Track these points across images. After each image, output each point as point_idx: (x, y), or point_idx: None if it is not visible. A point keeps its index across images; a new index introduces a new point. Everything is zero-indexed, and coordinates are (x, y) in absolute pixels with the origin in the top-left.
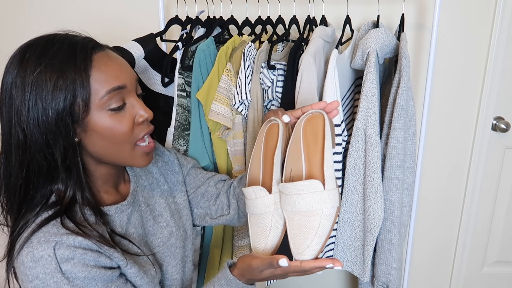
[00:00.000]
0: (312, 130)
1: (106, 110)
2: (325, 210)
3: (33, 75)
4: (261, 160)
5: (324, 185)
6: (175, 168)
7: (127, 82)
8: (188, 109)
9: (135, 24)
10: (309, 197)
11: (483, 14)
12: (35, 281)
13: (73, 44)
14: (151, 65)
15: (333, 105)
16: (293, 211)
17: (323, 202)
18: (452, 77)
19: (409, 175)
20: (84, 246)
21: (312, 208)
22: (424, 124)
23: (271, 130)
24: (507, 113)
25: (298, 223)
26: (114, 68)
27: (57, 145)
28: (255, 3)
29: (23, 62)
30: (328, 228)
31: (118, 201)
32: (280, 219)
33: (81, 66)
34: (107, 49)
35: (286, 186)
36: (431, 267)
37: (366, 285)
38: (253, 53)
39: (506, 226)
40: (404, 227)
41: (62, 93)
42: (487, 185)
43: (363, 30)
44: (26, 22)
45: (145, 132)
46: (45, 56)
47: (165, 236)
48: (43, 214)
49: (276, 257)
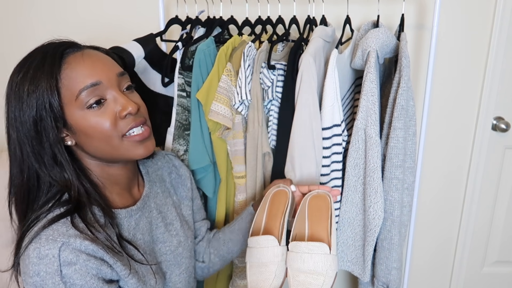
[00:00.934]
0: (316, 205)
1: (85, 108)
2: (329, 272)
3: (16, 86)
4: (264, 216)
5: (330, 250)
6: (187, 184)
7: (103, 78)
8: (188, 109)
9: (135, 24)
10: (317, 257)
11: (483, 14)
12: (35, 278)
13: (45, 50)
14: (151, 65)
15: (335, 193)
16: (300, 269)
17: (328, 264)
18: (452, 77)
19: (409, 175)
20: (89, 252)
21: (319, 268)
22: (424, 124)
23: (278, 195)
24: (507, 113)
25: (303, 280)
26: (86, 66)
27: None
28: (255, 3)
29: (12, 75)
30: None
31: (129, 204)
32: (282, 271)
33: (49, 70)
34: (86, 49)
35: (298, 244)
36: (431, 267)
37: (366, 285)
38: (253, 53)
39: (506, 226)
40: (404, 227)
41: (34, 99)
42: (487, 185)
43: (363, 30)
44: (26, 24)
45: (130, 126)
46: (24, 66)
47: (173, 245)
48: (55, 210)
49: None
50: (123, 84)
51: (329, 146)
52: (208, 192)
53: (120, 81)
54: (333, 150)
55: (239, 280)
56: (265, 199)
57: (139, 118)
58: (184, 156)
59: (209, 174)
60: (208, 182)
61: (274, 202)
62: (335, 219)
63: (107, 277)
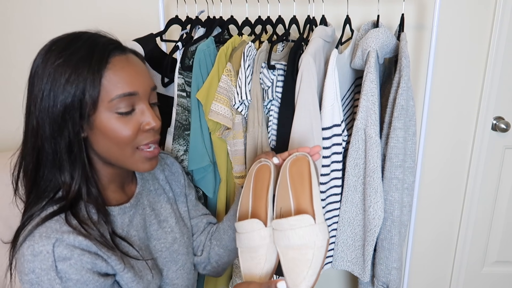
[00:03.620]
0: (297, 171)
1: (114, 112)
2: (317, 243)
3: (52, 67)
4: (250, 197)
5: (315, 219)
6: (181, 180)
7: (140, 90)
8: (188, 109)
9: (135, 24)
10: (302, 231)
11: (483, 14)
12: (31, 275)
13: (94, 44)
14: (151, 65)
15: (316, 149)
16: (287, 246)
17: (314, 235)
18: (452, 77)
19: (409, 175)
20: (83, 247)
21: (305, 241)
22: (424, 124)
23: (261, 171)
24: (507, 113)
25: (292, 257)
26: (129, 74)
27: (63, 138)
28: (255, 3)
29: (47, 53)
30: (320, 259)
31: (122, 202)
32: (273, 252)
33: (95, 66)
34: (130, 54)
35: (279, 222)
36: (431, 267)
37: (366, 285)
38: (253, 53)
39: (506, 226)
40: (404, 227)
41: (72, 88)
42: (487, 185)
43: (363, 30)
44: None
45: (149, 140)
46: (67, 50)
47: (168, 241)
48: (49, 208)
49: (274, 281)
50: (152, 98)
51: (329, 146)
52: (208, 192)
53: (151, 95)
54: (333, 150)
55: (239, 280)
56: (248, 177)
57: (157, 136)
58: (184, 156)
59: (209, 174)
60: (208, 182)
61: (258, 180)
62: (317, 183)
63: (103, 271)
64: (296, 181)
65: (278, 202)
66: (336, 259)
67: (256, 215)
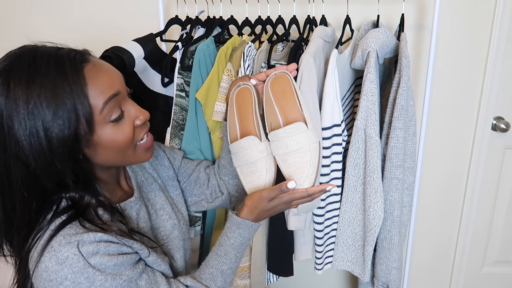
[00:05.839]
0: (279, 88)
1: (108, 122)
2: (312, 145)
3: (28, 107)
4: (236, 121)
5: (307, 125)
6: (165, 163)
7: (120, 87)
8: (185, 109)
9: (135, 24)
10: (298, 137)
11: (483, 14)
12: (65, 283)
13: (61, 63)
14: (151, 65)
15: (293, 67)
16: (286, 153)
17: (309, 138)
18: (452, 77)
19: (409, 175)
20: (106, 240)
21: (302, 145)
22: (424, 124)
23: (241, 94)
24: (507, 113)
25: (292, 161)
26: (104, 79)
27: (66, 168)
28: (255, 3)
29: (10, 92)
30: (317, 159)
31: (123, 197)
32: (272, 163)
33: (77, 88)
34: (90, 58)
35: (276, 133)
36: (431, 267)
37: (366, 285)
38: (253, 53)
39: (506, 226)
40: (404, 227)
41: (64, 120)
42: (487, 185)
43: (363, 30)
44: (26, 23)
45: (144, 132)
46: (34, 84)
47: (168, 229)
48: (57, 220)
49: (285, 182)
50: (127, 90)
51: (329, 146)
52: None
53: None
54: (333, 150)
55: (239, 280)
56: (230, 103)
57: (148, 125)
58: None
59: None
60: None
61: (240, 103)
62: (301, 94)
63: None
64: (280, 97)
65: (268, 118)
66: (336, 259)
67: (246, 135)
